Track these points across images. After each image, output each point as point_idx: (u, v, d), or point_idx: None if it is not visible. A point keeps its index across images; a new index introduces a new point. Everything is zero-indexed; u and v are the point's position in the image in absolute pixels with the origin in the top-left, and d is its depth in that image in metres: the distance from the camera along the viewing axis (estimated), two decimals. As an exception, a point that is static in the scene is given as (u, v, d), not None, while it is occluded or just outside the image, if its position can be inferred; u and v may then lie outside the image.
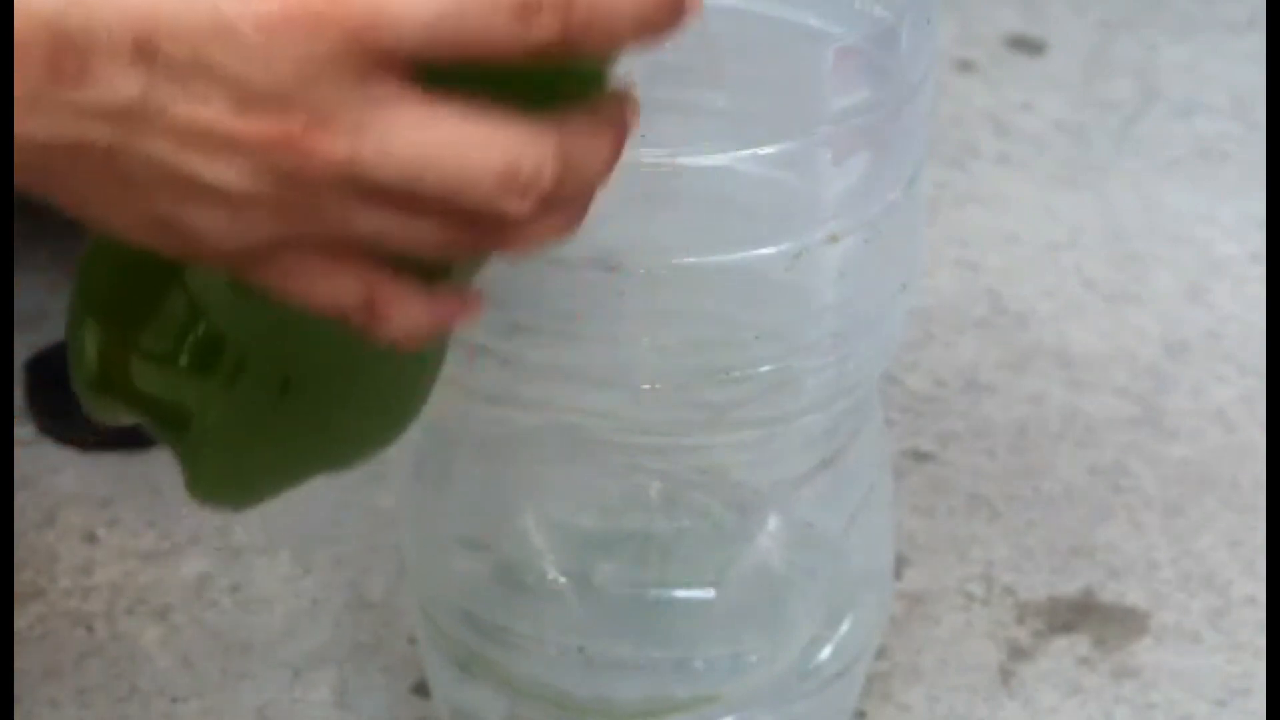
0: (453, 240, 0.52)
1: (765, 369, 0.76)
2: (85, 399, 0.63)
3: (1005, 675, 0.96)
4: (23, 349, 1.15)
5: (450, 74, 0.49)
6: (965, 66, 1.50)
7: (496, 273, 0.59)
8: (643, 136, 0.76)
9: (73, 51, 0.48)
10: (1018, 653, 0.97)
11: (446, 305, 0.55)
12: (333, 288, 0.53)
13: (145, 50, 0.48)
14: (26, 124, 0.49)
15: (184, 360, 0.60)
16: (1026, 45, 1.54)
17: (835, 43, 0.74)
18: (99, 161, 0.50)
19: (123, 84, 0.48)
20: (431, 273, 0.55)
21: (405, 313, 0.54)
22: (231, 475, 0.64)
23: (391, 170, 0.49)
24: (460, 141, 0.49)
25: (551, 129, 0.50)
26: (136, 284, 0.60)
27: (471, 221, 0.51)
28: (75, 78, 0.48)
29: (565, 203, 0.53)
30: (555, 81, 0.51)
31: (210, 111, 0.48)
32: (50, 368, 1.13)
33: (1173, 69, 1.50)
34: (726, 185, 0.74)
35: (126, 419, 0.63)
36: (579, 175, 0.52)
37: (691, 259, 0.74)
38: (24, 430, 1.11)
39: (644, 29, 0.50)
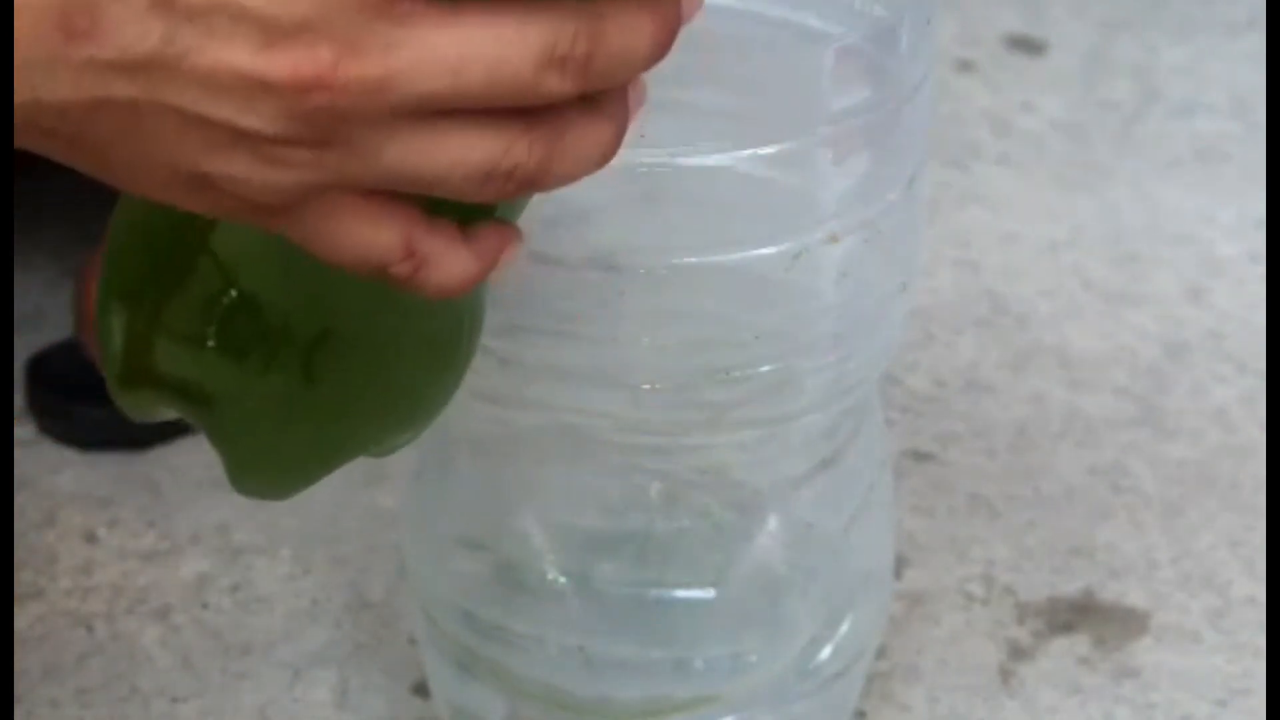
0: (493, 157, 0.50)
1: (765, 369, 0.76)
2: (116, 392, 0.61)
3: (1005, 675, 0.96)
4: (23, 349, 1.15)
5: None
6: (965, 66, 1.50)
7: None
8: (642, 136, 0.76)
9: (85, 7, 0.47)
10: (1018, 653, 0.97)
11: (487, 246, 0.54)
12: (369, 236, 0.51)
13: None
14: (44, 89, 0.48)
15: (213, 337, 0.59)
16: (1026, 45, 1.54)
17: (835, 43, 0.74)
18: (123, 118, 0.49)
19: (141, 34, 0.47)
20: (468, 216, 0.53)
21: (445, 258, 0.52)
22: (272, 458, 0.63)
23: (432, 77, 0.48)
24: (493, 33, 0.49)
25: (579, 5, 0.50)
26: (162, 260, 0.59)
27: (518, 127, 0.50)
28: (89, 34, 0.47)
29: (606, 93, 0.52)
30: None
31: (235, 53, 0.47)
32: (50, 368, 1.13)
33: (1173, 69, 1.50)
34: (726, 185, 0.74)
35: (158, 413, 0.62)
36: (616, 54, 0.50)
37: (691, 259, 0.74)
38: (24, 430, 1.11)
39: None
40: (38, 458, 1.09)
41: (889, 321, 0.80)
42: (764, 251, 0.75)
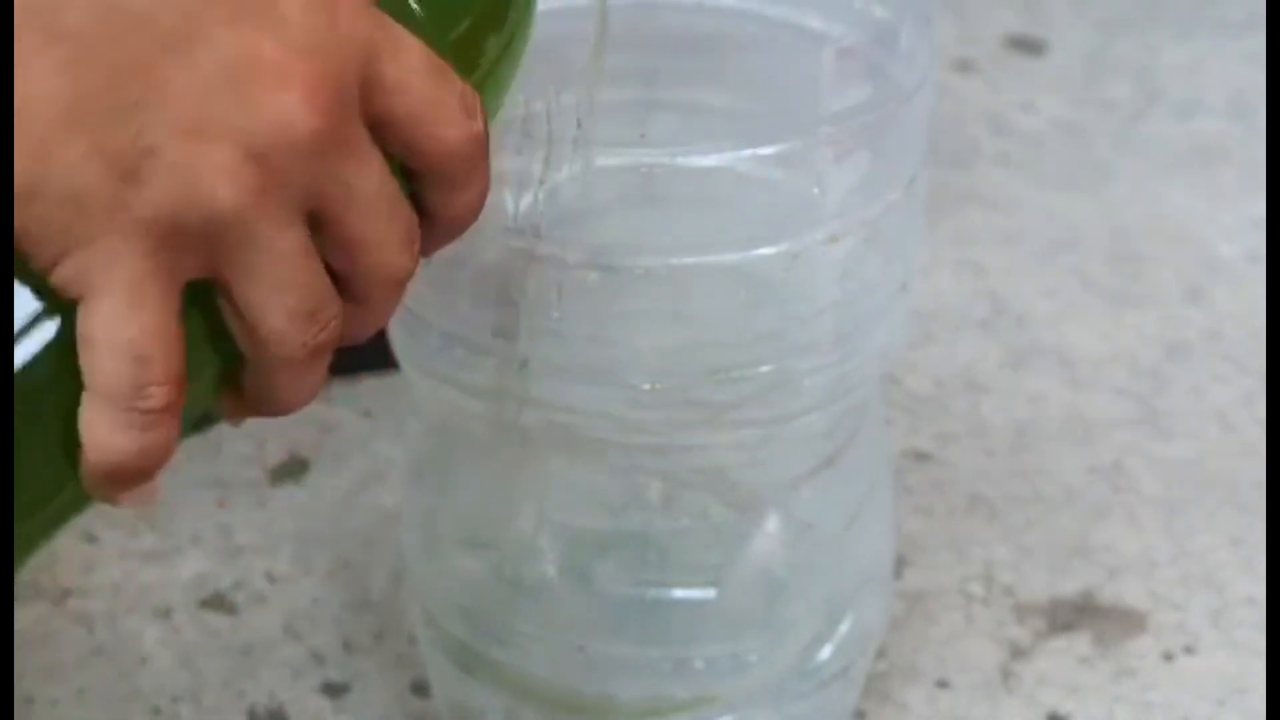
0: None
1: (765, 369, 0.76)
2: None
3: (1005, 675, 0.96)
4: (23, 349, 1.15)
5: None
6: (965, 66, 1.50)
7: (495, 271, 0.59)
8: (642, 136, 0.76)
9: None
10: (1018, 653, 0.97)
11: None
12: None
13: None
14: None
15: None
16: (1026, 45, 1.54)
17: (835, 43, 0.74)
18: None
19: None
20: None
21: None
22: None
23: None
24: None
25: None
26: None
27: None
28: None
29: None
30: None
31: None
32: (50, 368, 1.13)
33: (1173, 69, 1.50)
34: (726, 185, 0.74)
35: None
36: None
37: (691, 259, 0.74)
38: (24, 430, 1.11)
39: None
40: (38, 457, 1.09)
41: (889, 322, 0.80)
42: (764, 251, 0.75)
